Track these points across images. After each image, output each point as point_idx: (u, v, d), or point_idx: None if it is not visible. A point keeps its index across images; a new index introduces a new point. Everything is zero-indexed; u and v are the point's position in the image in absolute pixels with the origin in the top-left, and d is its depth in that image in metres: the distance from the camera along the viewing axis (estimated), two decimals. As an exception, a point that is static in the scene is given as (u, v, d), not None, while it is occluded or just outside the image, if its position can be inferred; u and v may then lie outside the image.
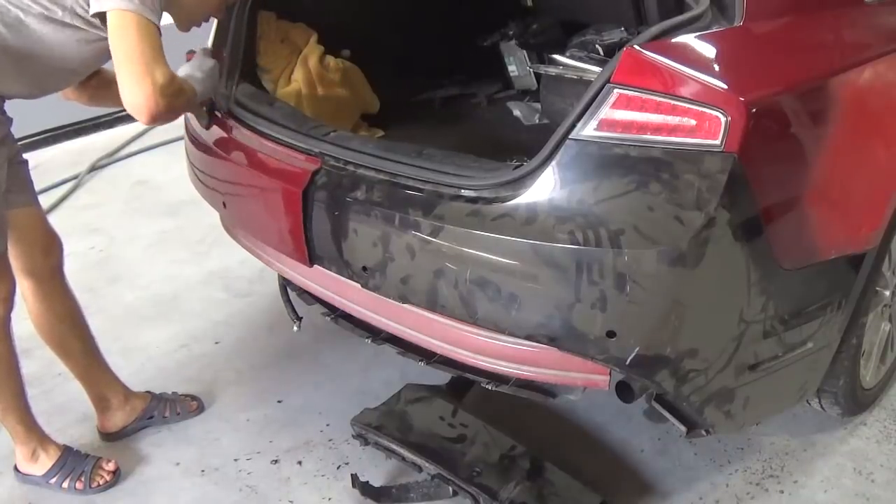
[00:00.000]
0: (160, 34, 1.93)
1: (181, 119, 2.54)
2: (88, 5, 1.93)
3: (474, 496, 2.11)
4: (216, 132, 2.43)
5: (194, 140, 2.54)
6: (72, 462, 2.36)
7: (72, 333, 2.43)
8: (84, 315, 2.46)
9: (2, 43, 1.96)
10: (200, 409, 2.65)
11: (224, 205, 2.44)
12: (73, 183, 4.37)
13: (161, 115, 1.90)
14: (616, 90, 1.72)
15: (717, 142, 1.67)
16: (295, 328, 2.46)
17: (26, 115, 2.21)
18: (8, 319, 2.20)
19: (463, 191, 1.87)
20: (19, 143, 2.23)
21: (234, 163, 2.34)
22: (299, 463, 2.43)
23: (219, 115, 2.44)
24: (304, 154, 2.15)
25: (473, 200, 1.84)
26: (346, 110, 2.86)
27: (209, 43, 2.67)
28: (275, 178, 2.18)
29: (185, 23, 2.14)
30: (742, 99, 1.68)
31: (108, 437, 2.55)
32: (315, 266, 2.13)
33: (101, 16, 1.92)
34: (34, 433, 2.35)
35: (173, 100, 1.91)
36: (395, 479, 2.33)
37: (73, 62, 2.05)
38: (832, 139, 1.89)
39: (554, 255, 1.71)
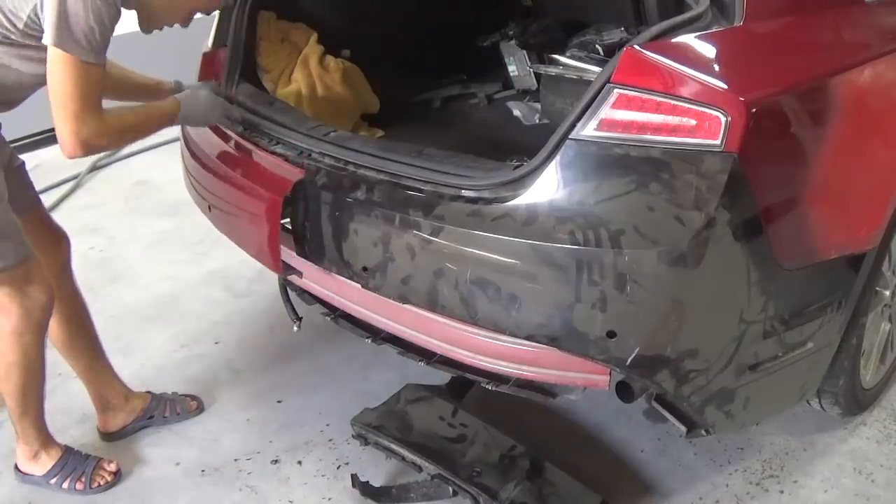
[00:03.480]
0: (102, 72, 1.93)
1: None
2: (39, 23, 1.90)
3: (474, 496, 2.11)
4: (208, 138, 2.44)
5: (187, 144, 2.55)
6: (73, 462, 2.36)
7: (78, 332, 2.44)
8: (90, 314, 2.47)
9: None
10: (200, 409, 2.65)
11: (209, 209, 2.45)
12: (73, 183, 4.36)
13: (80, 156, 1.96)
14: (616, 90, 1.73)
15: (718, 142, 1.67)
16: (295, 328, 2.46)
17: (26, 116, 2.20)
18: (45, 327, 2.20)
19: (463, 191, 1.87)
20: (20, 143, 2.22)
21: (220, 169, 2.35)
22: (299, 463, 2.43)
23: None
24: (289, 163, 2.16)
25: (474, 200, 1.84)
26: (346, 110, 2.86)
27: (209, 43, 2.67)
28: (257, 190, 2.18)
29: (148, 26, 2.09)
30: (742, 99, 1.68)
31: (108, 437, 2.55)
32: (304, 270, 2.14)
33: None
34: (42, 436, 2.35)
35: (94, 148, 1.97)
36: (395, 479, 2.33)
37: (37, 77, 2.01)
38: (832, 139, 1.89)
39: (554, 255, 1.71)
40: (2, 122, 2.12)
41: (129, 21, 2.00)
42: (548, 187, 1.76)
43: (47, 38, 1.86)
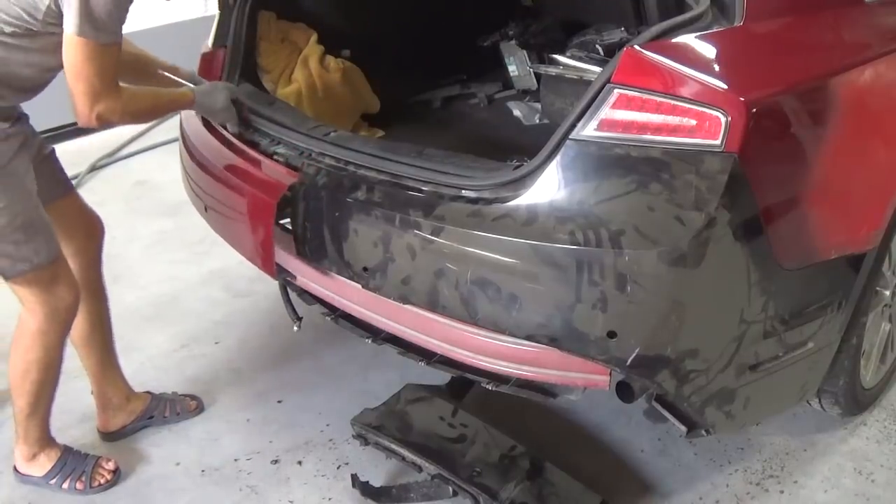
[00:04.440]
0: (118, 50, 1.96)
1: (177, 119, 2.54)
2: (58, 11, 1.92)
3: (474, 496, 2.11)
4: (206, 140, 2.44)
5: (186, 145, 2.55)
6: (72, 462, 2.36)
7: (98, 328, 2.45)
8: (110, 310, 2.49)
9: None
10: (200, 408, 2.65)
11: (206, 210, 2.45)
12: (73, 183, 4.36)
13: (95, 127, 2.01)
14: (616, 90, 1.73)
15: (718, 142, 1.67)
16: (295, 328, 2.46)
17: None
18: (69, 326, 2.23)
19: (463, 191, 1.87)
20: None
21: (217, 171, 2.35)
22: (299, 463, 2.43)
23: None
24: (286, 166, 2.16)
25: (474, 201, 1.84)
26: (346, 110, 2.86)
27: (209, 43, 2.67)
28: (252, 193, 2.18)
29: None
30: (742, 99, 1.68)
31: (108, 436, 2.55)
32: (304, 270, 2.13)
33: None
34: (43, 438, 2.34)
35: (108, 122, 2.00)
36: (395, 479, 2.33)
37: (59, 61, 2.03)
38: (832, 139, 1.90)
39: (554, 255, 1.70)
40: (29, 115, 2.15)
41: (129, 21, 2.00)
42: (548, 187, 1.76)
43: (69, 27, 1.89)
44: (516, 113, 3.14)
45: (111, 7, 1.89)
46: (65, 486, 2.34)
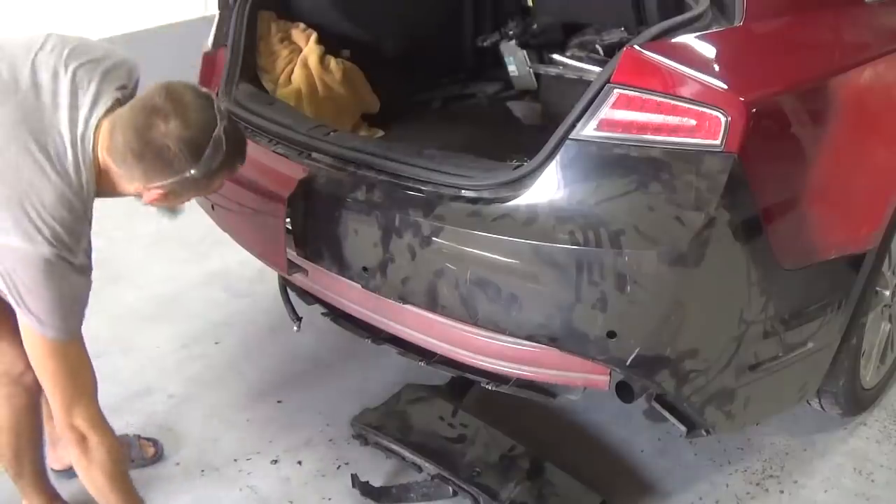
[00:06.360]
0: (81, 348, 1.75)
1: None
2: None
3: (474, 496, 2.12)
4: None
5: None
6: None
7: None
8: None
9: None
10: (159, 455, 2.46)
11: (213, 207, 2.44)
12: (72, 183, 4.35)
13: (72, 441, 1.77)
14: (616, 90, 1.73)
15: (718, 142, 1.67)
16: (295, 328, 2.46)
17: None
18: (32, 390, 2.02)
19: (463, 191, 1.87)
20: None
21: None
22: (299, 463, 2.43)
23: None
24: (293, 162, 2.15)
25: (474, 201, 1.84)
26: (346, 110, 2.85)
27: (209, 43, 2.67)
28: (263, 188, 2.17)
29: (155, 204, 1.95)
30: (742, 99, 1.68)
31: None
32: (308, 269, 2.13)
33: None
34: (44, 498, 2.20)
35: (87, 445, 1.78)
36: (395, 479, 2.33)
37: None
38: (832, 139, 1.90)
39: (554, 255, 1.71)
40: None
41: (129, 21, 1.99)
42: (548, 187, 1.76)
43: (36, 326, 1.67)
44: (516, 113, 3.14)
45: (72, 306, 1.69)
46: None
